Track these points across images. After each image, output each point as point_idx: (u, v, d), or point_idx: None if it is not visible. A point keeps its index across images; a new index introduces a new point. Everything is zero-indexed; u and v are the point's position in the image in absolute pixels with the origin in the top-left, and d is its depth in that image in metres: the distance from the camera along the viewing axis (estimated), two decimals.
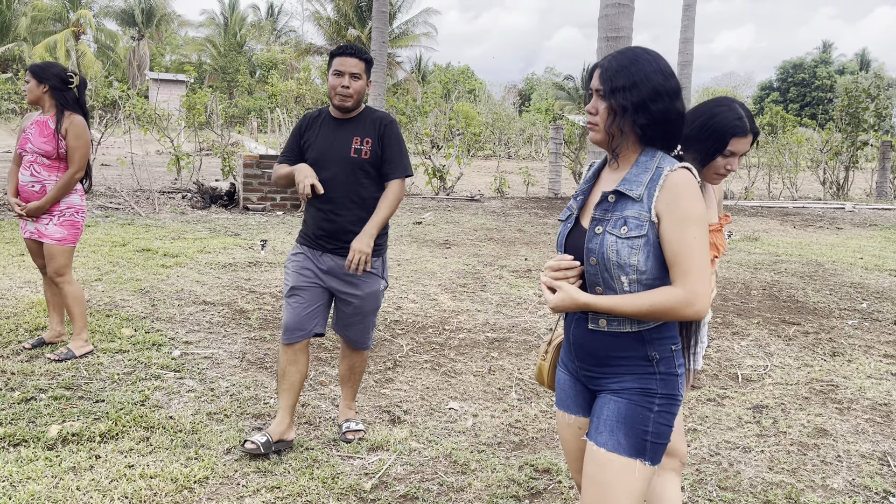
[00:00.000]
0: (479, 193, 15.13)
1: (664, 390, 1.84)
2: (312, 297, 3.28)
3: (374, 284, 3.33)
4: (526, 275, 7.34)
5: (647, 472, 1.82)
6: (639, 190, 1.81)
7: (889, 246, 10.30)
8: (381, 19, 12.58)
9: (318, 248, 3.29)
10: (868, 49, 64.94)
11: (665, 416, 1.84)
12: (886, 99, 18.77)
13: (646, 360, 1.84)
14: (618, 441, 1.82)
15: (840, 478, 3.29)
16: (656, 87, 1.81)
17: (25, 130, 4.25)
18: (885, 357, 5.09)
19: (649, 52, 1.87)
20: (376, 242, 3.25)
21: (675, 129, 1.87)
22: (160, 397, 3.82)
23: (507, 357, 4.79)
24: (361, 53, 3.23)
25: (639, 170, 1.85)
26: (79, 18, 45.18)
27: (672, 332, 1.87)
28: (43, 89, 4.22)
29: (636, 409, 1.83)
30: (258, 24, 54.34)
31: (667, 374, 1.85)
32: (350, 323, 3.39)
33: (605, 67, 1.87)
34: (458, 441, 3.51)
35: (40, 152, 4.18)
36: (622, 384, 1.86)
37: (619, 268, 1.80)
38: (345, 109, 3.25)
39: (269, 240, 8.55)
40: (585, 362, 1.93)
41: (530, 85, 63.31)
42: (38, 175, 4.22)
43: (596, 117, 1.89)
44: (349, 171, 3.21)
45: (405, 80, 40.05)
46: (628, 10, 6.75)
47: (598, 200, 1.88)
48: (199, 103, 14.50)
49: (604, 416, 1.86)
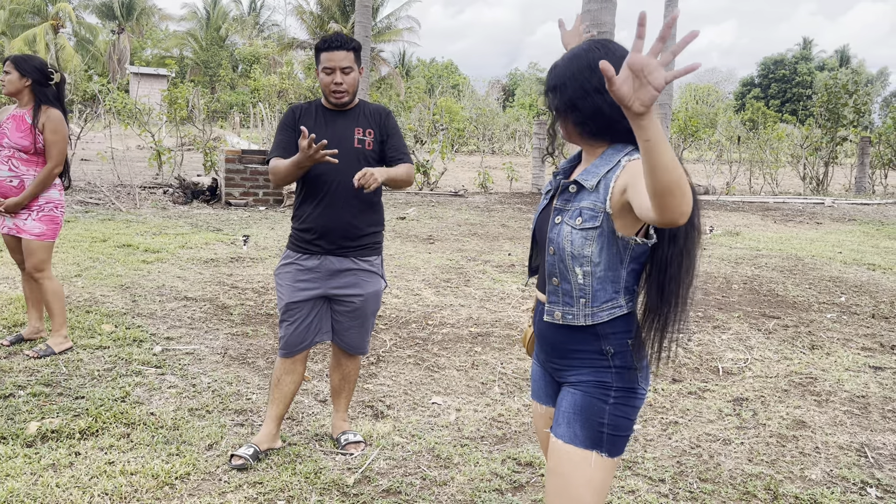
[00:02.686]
0: (462, 189, 15.13)
1: (620, 383, 1.84)
2: (310, 309, 3.13)
3: (376, 284, 3.20)
4: (509, 269, 7.35)
5: (604, 463, 1.83)
6: (593, 181, 1.79)
7: (867, 240, 10.43)
8: (364, 13, 12.53)
9: (317, 250, 3.10)
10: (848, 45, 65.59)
11: (622, 408, 1.84)
12: (865, 95, 18.96)
13: (600, 353, 1.84)
14: (574, 433, 1.84)
15: (818, 469, 3.33)
16: (584, 85, 1.78)
17: (1, 125, 4.17)
18: (863, 350, 5.16)
19: (588, 45, 1.81)
20: (376, 240, 3.19)
21: (617, 122, 1.77)
22: (141, 393, 3.79)
23: (490, 351, 4.80)
24: (348, 43, 3.08)
25: (601, 162, 1.82)
26: (58, 11, 44.62)
27: (629, 326, 1.85)
28: (25, 83, 4.14)
29: (591, 401, 1.84)
30: (240, 19, 53.92)
31: (622, 367, 1.84)
32: (349, 327, 3.22)
33: (550, 68, 1.88)
34: (441, 435, 3.51)
35: (17, 147, 4.11)
36: (579, 377, 1.88)
37: (574, 259, 1.80)
38: (341, 106, 3.13)
39: (251, 235, 8.51)
40: (549, 354, 1.96)
41: (514, 80, 63.37)
42: (16, 170, 4.15)
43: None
44: (352, 162, 3.05)
45: (389, 76, 39.93)
46: (611, 6, 6.78)
47: (561, 189, 1.89)
48: (180, 98, 14.38)
49: (562, 407, 1.89)
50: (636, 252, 1.81)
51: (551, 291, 1.88)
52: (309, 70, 34.68)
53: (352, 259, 3.12)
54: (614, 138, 1.83)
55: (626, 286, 1.84)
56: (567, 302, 1.85)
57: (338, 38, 3.07)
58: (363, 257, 3.15)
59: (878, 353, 5.10)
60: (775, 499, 3.06)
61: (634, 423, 1.89)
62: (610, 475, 1.85)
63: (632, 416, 1.86)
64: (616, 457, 1.86)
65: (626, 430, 1.86)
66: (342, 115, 3.16)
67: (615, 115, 1.76)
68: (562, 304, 1.86)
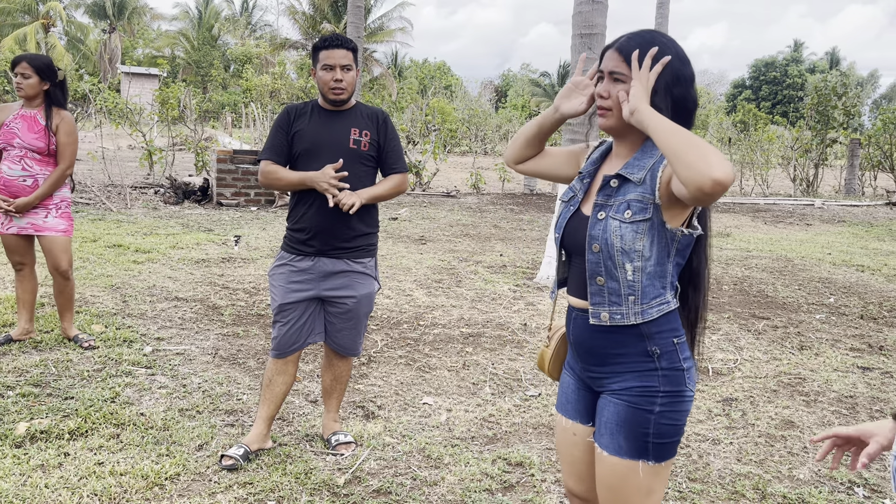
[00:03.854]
0: (455, 189, 15.14)
1: (667, 387, 1.77)
2: (304, 310, 3.13)
3: (369, 286, 3.20)
4: (501, 270, 7.37)
5: (654, 469, 1.78)
6: (640, 174, 1.74)
7: (856, 242, 10.50)
8: (356, 14, 12.52)
9: (311, 250, 3.09)
10: (838, 47, 66.02)
11: (669, 415, 1.77)
12: (854, 97, 19.08)
13: (646, 355, 1.77)
14: (619, 444, 1.78)
15: (806, 469, 3.36)
16: (676, 71, 1.74)
17: (7, 124, 4.15)
18: (852, 350, 5.19)
19: (665, 36, 1.79)
20: (370, 242, 3.17)
21: (688, 116, 1.78)
22: (131, 394, 3.78)
23: (481, 352, 4.81)
24: (348, 43, 3.09)
25: (643, 154, 1.77)
26: (48, 10, 44.39)
27: (674, 324, 1.79)
28: (43, 86, 4.17)
29: (635, 412, 1.77)
30: (232, 19, 53.78)
31: (670, 369, 1.78)
32: (342, 328, 3.21)
33: (626, 49, 1.76)
34: (432, 435, 3.52)
35: (31, 148, 4.14)
36: (623, 384, 1.79)
37: (624, 254, 1.72)
38: (340, 103, 3.11)
39: (242, 235, 8.49)
40: (587, 362, 1.87)
41: (506, 81, 63.43)
42: (30, 169, 4.17)
43: (608, 101, 1.79)
44: (348, 162, 3.05)
45: (381, 76, 39.89)
46: (602, 7, 6.79)
47: (601, 185, 1.81)
48: (172, 97, 14.33)
49: (604, 418, 1.82)
50: (681, 244, 1.78)
51: (594, 293, 1.79)
52: (301, 70, 34.62)
53: (345, 260, 3.12)
54: None
55: (671, 281, 1.80)
56: (614, 301, 1.77)
57: (337, 38, 3.09)
58: (357, 259, 3.14)
59: (866, 353, 5.14)
60: (763, 498, 3.08)
61: (684, 426, 1.82)
62: (663, 477, 1.80)
63: (680, 420, 1.79)
64: (665, 460, 1.80)
65: (674, 436, 1.79)
66: (338, 116, 3.14)
67: (692, 109, 1.78)
68: (608, 305, 1.78)
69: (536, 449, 3.43)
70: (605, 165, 1.89)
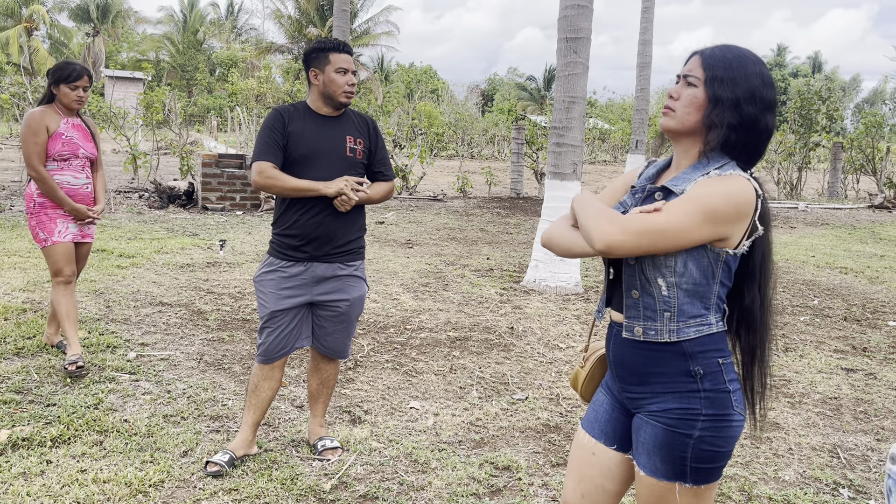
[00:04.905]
0: (441, 193, 15.14)
1: (710, 410, 1.68)
2: (293, 316, 3.10)
3: (360, 288, 3.19)
4: (488, 274, 7.37)
5: (692, 491, 1.71)
6: (684, 186, 1.68)
7: (840, 244, 10.59)
8: (342, 17, 12.51)
9: (303, 256, 3.05)
10: (821, 52, 66.59)
11: (711, 439, 1.68)
12: (837, 101, 19.27)
13: (688, 375, 1.69)
14: (655, 466, 1.73)
15: (791, 470, 3.37)
16: (753, 89, 1.68)
17: (63, 133, 4.09)
18: (836, 352, 5.23)
19: (754, 55, 1.74)
20: (360, 245, 3.19)
21: (756, 141, 1.71)
22: (114, 400, 3.74)
23: (468, 356, 4.80)
24: (351, 48, 3.15)
25: (695, 170, 1.72)
26: (32, 14, 44.03)
27: (719, 344, 1.72)
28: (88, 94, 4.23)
29: (673, 436, 1.70)
30: (218, 22, 53.58)
31: (713, 391, 1.69)
32: (333, 331, 3.19)
33: (708, 55, 1.73)
34: (419, 440, 3.50)
35: (91, 157, 4.24)
36: (662, 405, 1.72)
37: (655, 268, 1.68)
38: (346, 106, 3.11)
39: (228, 240, 8.44)
40: (625, 381, 1.81)
41: (493, 85, 63.55)
42: (90, 177, 4.28)
43: (676, 102, 1.75)
44: (342, 170, 3.05)
45: (368, 80, 39.85)
46: (587, 12, 6.82)
47: (645, 196, 1.77)
48: (156, 101, 14.24)
49: (641, 438, 1.77)
50: (729, 266, 1.71)
51: (630, 306, 1.75)
52: (287, 74, 34.50)
53: (338, 264, 3.11)
54: (736, 155, 1.72)
55: (716, 303, 1.72)
56: (649, 316, 1.72)
57: (345, 43, 3.12)
58: (348, 262, 3.15)
59: (849, 355, 5.18)
60: (749, 500, 3.09)
61: (731, 452, 1.73)
62: (706, 499, 1.73)
63: (724, 446, 1.70)
64: (707, 483, 1.72)
65: (716, 462, 1.71)
66: (333, 122, 3.12)
67: (763, 134, 1.70)
68: (643, 319, 1.73)
69: (524, 453, 3.42)
70: (660, 179, 1.84)
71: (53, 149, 4.04)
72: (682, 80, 1.76)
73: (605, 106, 45.96)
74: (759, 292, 1.76)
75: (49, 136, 4.03)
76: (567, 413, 3.93)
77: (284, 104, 3.34)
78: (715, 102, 1.69)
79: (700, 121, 1.71)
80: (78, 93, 4.08)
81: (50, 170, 4.07)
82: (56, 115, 4.09)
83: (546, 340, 5.21)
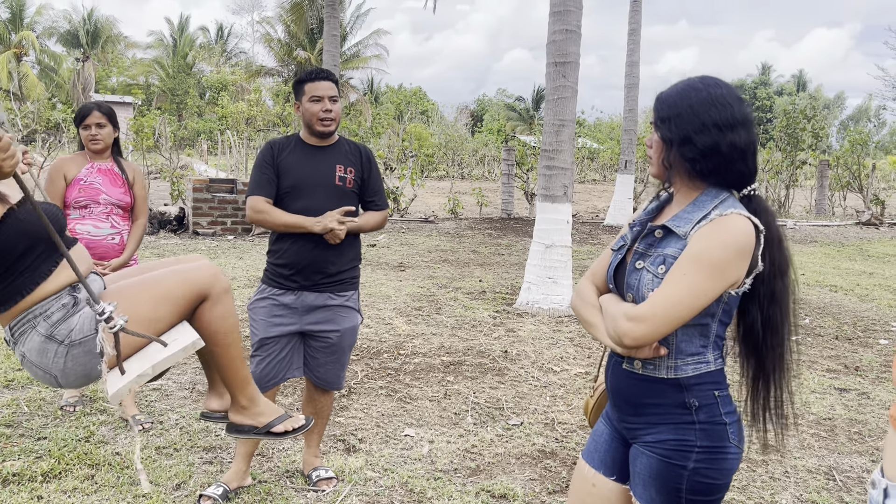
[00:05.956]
0: (432, 214, 15.17)
1: (705, 442, 1.69)
2: (284, 345, 3.08)
3: (352, 319, 3.17)
4: (481, 296, 7.36)
5: None
6: (686, 227, 1.69)
7: (829, 262, 10.66)
8: (332, 42, 12.59)
9: (294, 285, 3.05)
10: (805, 70, 67.60)
11: (706, 471, 1.68)
12: (822, 119, 19.50)
13: (682, 407, 1.70)
14: (651, 497, 1.74)
15: (788, 493, 3.37)
16: (702, 118, 1.68)
17: (83, 179, 3.77)
18: (828, 372, 5.24)
19: (704, 81, 1.73)
20: (353, 275, 3.17)
21: (729, 163, 1.69)
22: (106, 433, 3.70)
23: (462, 381, 4.78)
24: (332, 75, 3.11)
25: (694, 208, 1.71)
26: (21, 40, 44.10)
27: (717, 378, 1.73)
28: (115, 134, 3.89)
29: (668, 467, 1.70)
30: (208, 46, 53.79)
31: (709, 423, 1.70)
32: (325, 362, 3.16)
33: (658, 98, 1.77)
34: (415, 468, 3.48)
35: (118, 204, 3.83)
36: (657, 436, 1.73)
37: None
38: (328, 134, 3.10)
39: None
40: (622, 411, 1.82)
41: (482, 106, 63.96)
42: (118, 226, 3.86)
43: (650, 150, 1.80)
44: (333, 200, 3.04)
45: (357, 102, 40.04)
46: (575, 36, 6.90)
47: (645, 233, 1.78)
48: (146, 126, 14.25)
49: (637, 468, 1.78)
50: (730, 305, 1.71)
51: None
52: (277, 97, 34.61)
53: (329, 294, 3.09)
54: (721, 180, 1.72)
55: (715, 341, 1.73)
56: None
57: (322, 70, 3.11)
58: (340, 292, 3.12)
59: (842, 374, 5.20)
60: None
61: (727, 484, 1.72)
62: None
63: (720, 478, 1.70)
64: None
65: (713, 494, 1.71)
66: (323, 151, 3.12)
67: (732, 155, 1.68)
68: None
69: (520, 480, 3.41)
70: (660, 216, 1.84)
71: (70, 196, 3.76)
72: (653, 126, 1.80)
73: (594, 125, 46.30)
74: (761, 312, 1.73)
75: (68, 184, 3.76)
76: (563, 438, 3.92)
77: (279, 136, 3.32)
78: (668, 143, 1.72)
79: (669, 162, 1.74)
80: (90, 132, 3.79)
81: (72, 219, 3.76)
82: (82, 160, 3.84)
83: (540, 364, 5.21)
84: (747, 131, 1.69)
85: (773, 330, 1.75)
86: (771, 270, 1.71)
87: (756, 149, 1.73)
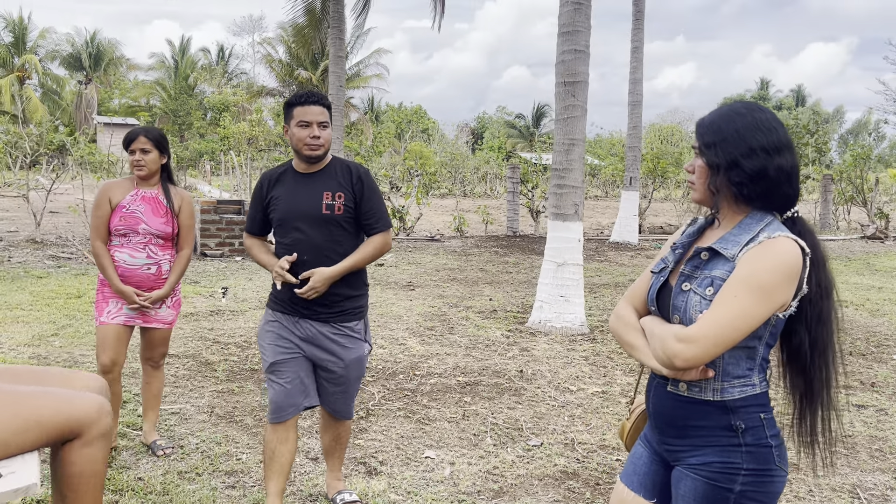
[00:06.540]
0: (438, 233, 15.20)
1: (752, 464, 1.69)
2: (297, 368, 2.99)
3: (358, 350, 3.06)
4: (492, 315, 7.37)
5: None
6: (734, 250, 1.69)
7: (837, 277, 10.51)
8: (337, 63, 12.69)
9: (294, 313, 2.99)
10: (804, 85, 67.97)
11: (753, 494, 1.69)
12: (825, 134, 19.58)
13: (729, 429, 1.70)
14: None
15: None
16: (749, 142, 1.69)
17: (125, 206, 3.65)
18: (845, 388, 5.23)
19: (747, 106, 1.76)
20: (357, 304, 3.05)
21: (776, 186, 1.71)
22: (127, 457, 3.70)
23: (479, 401, 4.78)
24: (324, 99, 2.96)
25: (740, 230, 1.72)
26: (24, 63, 44.46)
27: (762, 400, 1.74)
28: (163, 160, 3.75)
29: (714, 490, 1.70)
30: (209, 67, 54.16)
31: (755, 445, 1.70)
32: (333, 392, 3.10)
33: (700, 124, 1.79)
34: (437, 491, 3.47)
35: (159, 234, 3.68)
36: (702, 458, 1.72)
37: None
38: (315, 160, 2.95)
39: (229, 287, 8.42)
40: (665, 434, 1.81)
41: (482, 123, 64.25)
42: (154, 256, 3.69)
43: (693, 175, 1.80)
44: (322, 230, 2.94)
45: (359, 121, 40.24)
46: (584, 56, 6.95)
47: (691, 255, 1.79)
48: None
49: (681, 491, 1.76)
50: (776, 328, 1.72)
51: None
52: (278, 117, 34.78)
53: (331, 324, 3.00)
54: (767, 204, 1.73)
55: (760, 363, 1.74)
56: None
57: (313, 94, 2.98)
58: (343, 323, 3.02)
59: (858, 391, 5.18)
60: None
61: None
62: None
63: (766, 501, 1.71)
64: None
65: None
66: (311, 179, 3.00)
67: (779, 178, 1.70)
68: None
69: (544, 501, 3.39)
70: (703, 238, 1.85)
71: (112, 223, 3.64)
72: (694, 151, 1.81)
73: (594, 141, 46.51)
74: (809, 333, 1.73)
75: (112, 209, 3.65)
76: (584, 459, 3.91)
77: (274, 166, 3.22)
78: (714, 169, 1.73)
79: (716, 187, 1.74)
80: (135, 157, 3.66)
81: (112, 246, 3.66)
82: (129, 186, 3.72)
83: (556, 383, 5.20)
84: (791, 154, 1.72)
85: (821, 351, 1.75)
86: (817, 292, 1.72)
87: (798, 171, 1.75)
